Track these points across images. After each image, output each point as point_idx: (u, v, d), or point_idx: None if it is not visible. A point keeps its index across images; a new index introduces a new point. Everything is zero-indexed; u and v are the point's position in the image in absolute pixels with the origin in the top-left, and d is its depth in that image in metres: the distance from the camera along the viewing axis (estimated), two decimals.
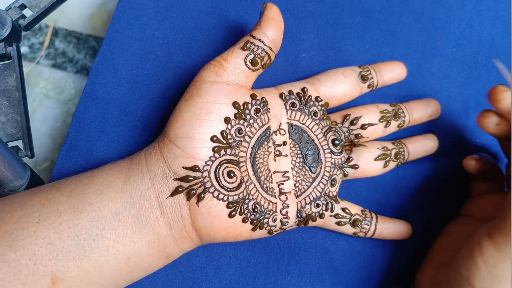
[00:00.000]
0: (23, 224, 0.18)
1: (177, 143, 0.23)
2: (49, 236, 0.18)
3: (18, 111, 0.28)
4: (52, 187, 0.21)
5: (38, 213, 0.18)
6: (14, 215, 0.18)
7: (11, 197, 0.20)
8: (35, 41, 0.35)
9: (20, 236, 0.18)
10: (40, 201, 0.19)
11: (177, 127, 0.23)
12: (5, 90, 0.28)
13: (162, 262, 0.22)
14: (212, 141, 0.23)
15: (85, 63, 0.35)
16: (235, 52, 0.25)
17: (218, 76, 0.25)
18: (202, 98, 0.24)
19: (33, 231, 0.18)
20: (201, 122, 0.23)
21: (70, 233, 0.18)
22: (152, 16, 0.31)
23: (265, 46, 0.25)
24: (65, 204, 0.19)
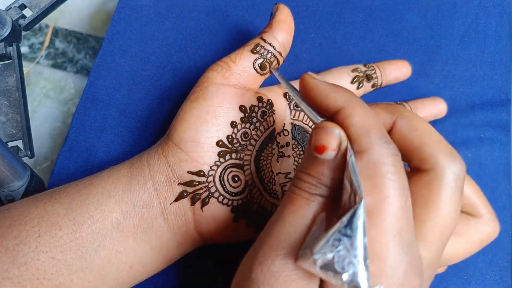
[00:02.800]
0: (23, 239, 0.18)
1: (182, 147, 0.22)
2: (51, 251, 0.18)
3: (18, 111, 0.28)
4: (51, 198, 0.20)
5: (38, 227, 0.18)
6: (14, 229, 0.18)
7: (9, 209, 0.20)
8: (35, 41, 0.35)
9: (21, 252, 0.18)
10: (39, 214, 0.19)
11: (181, 131, 0.23)
12: (5, 90, 0.28)
13: (164, 265, 0.22)
14: (218, 146, 0.22)
15: (85, 63, 0.35)
16: (244, 54, 0.24)
17: (225, 78, 0.24)
18: (208, 101, 0.23)
19: (35, 246, 0.18)
20: (207, 126, 0.22)
21: (72, 246, 0.18)
22: (152, 17, 0.31)
23: (275, 50, 0.24)
24: (64, 217, 0.19)
